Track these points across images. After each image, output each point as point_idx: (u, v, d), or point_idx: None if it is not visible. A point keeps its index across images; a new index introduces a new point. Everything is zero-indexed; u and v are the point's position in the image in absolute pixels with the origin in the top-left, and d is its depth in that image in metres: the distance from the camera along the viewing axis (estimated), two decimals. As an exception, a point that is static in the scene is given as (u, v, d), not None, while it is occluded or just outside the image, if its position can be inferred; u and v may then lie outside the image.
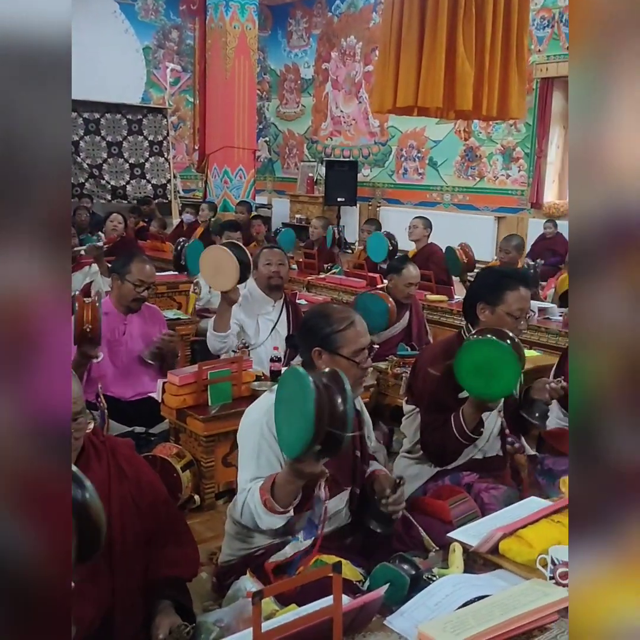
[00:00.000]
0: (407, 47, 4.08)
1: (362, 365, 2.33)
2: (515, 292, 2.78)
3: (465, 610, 1.70)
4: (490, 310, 2.78)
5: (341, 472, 2.36)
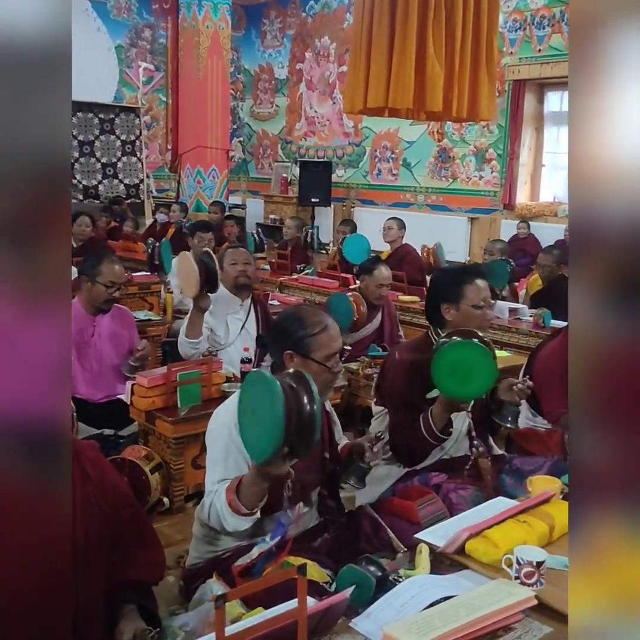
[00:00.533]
0: (377, 49, 4.09)
1: (334, 370, 2.33)
2: (473, 284, 2.83)
3: (430, 611, 1.70)
4: (455, 307, 2.81)
5: (310, 473, 2.35)
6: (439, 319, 2.85)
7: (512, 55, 9.86)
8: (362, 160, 12.09)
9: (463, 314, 2.80)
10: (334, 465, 2.48)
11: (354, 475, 2.37)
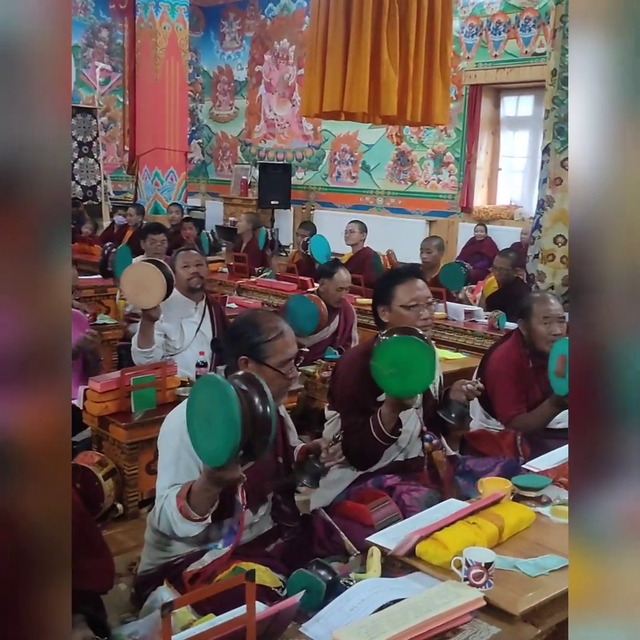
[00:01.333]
0: (332, 53, 4.10)
1: (288, 376, 2.33)
2: (403, 285, 2.84)
3: (379, 614, 1.71)
4: (388, 309, 2.84)
5: (263, 479, 2.35)
6: (379, 322, 2.88)
7: (469, 60, 9.97)
8: (322, 162, 12.11)
9: (395, 315, 2.82)
10: (288, 470, 2.48)
11: (308, 475, 2.37)
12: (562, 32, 5.42)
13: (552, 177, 5.56)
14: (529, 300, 3.43)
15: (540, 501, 2.36)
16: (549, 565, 1.98)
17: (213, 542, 2.20)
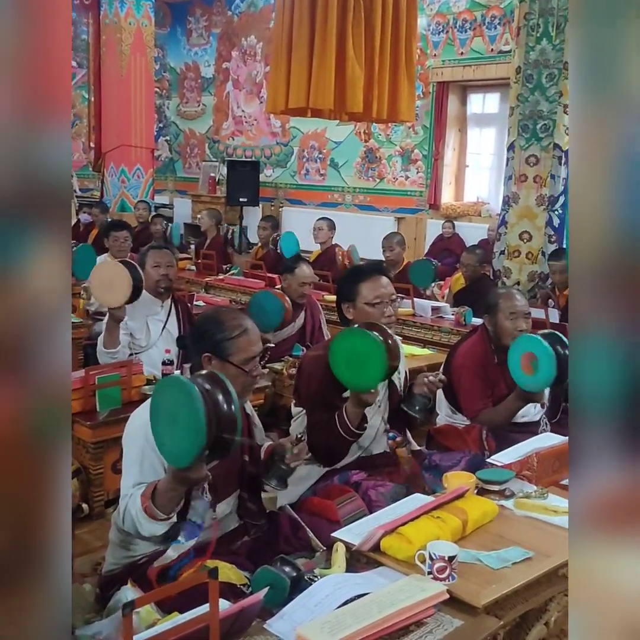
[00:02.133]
0: (298, 49, 4.10)
1: (252, 374, 2.32)
2: (368, 282, 2.85)
3: (343, 610, 1.71)
4: (352, 306, 2.85)
5: (229, 476, 2.34)
6: (344, 319, 2.89)
7: (436, 58, 10.02)
8: (290, 160, 12.09)
9: (360, 312, 2.83)
10: (255, 468, 2.47)
11: (275, 477, 2.36)
12: (526, 29, 5.48)
13: (517, 174, 5.63)
14: (495, 296, 3.46)
15: (503, 494, 2.38)
16: (512, 558, 2.00)
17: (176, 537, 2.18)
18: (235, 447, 2.00)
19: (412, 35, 4.45)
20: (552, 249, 5.41)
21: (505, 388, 3.30)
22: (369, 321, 2.71)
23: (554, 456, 2.53)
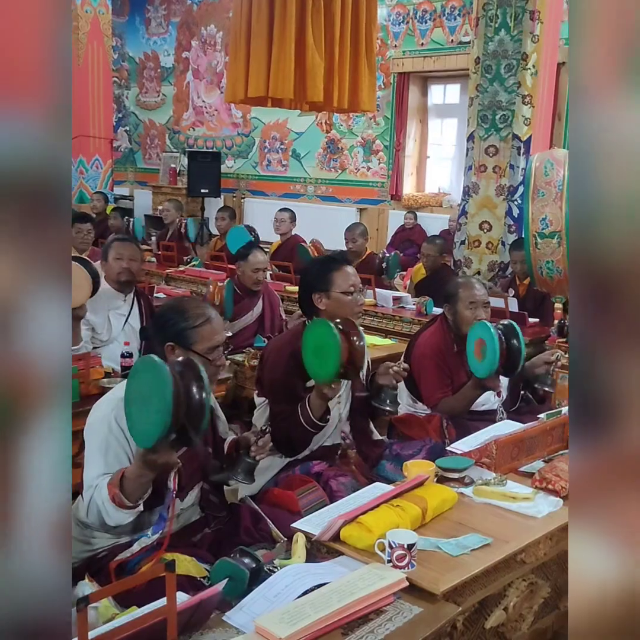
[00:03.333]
0: (256, 38, 4.06)
1: (216, 363, 2.30)
2: (340, 271, 2.86)
3: (303, 600, 1.71)
4: (326, 296, 2.84)
5: (191, 468, 2.32)
6: (313, 309, 2.87)
7: (396, 49, 10.03)
8: (252, 150, 12.03)
9: (334, 301, 2.83)
10: (218, 459, 2.46)
11: (242, 471, 2.35)
12: (484, 20, 5.50)
13: (477, 164, 5.66)
14: (455, 286, 3.48)
15: (463, 482, 2.40)
16: (470, 544, 2.01)
17: (143, 530, 2.16)
18: (202, 433, 1.99)
19: (372, 24, 4.44)
20: (511, 238, 5.46)
21: (465, 376, 3.32)
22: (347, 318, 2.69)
23: (512, 443, 2.56)
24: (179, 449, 2.02)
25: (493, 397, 3.38)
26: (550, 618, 2.42)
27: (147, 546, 2.11)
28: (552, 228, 3.75)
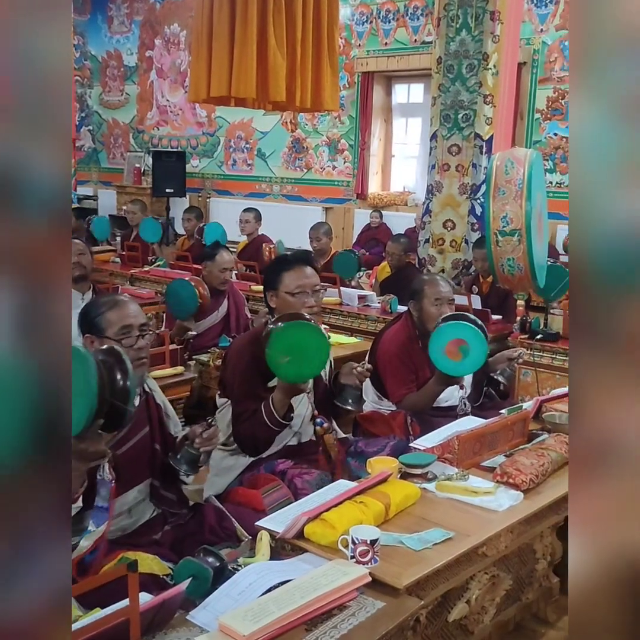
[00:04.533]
0: (218, 38, 4.05)
1: (134, 347, 2.29)
2: (290, 271, 2.86)
3: (266, 597, 1.72)
4: (275, 294, 2.86)
5: (138, 464, 2.32)
6: (269, 307, 2.90)
7: (360, 48, 10.06)
8: (217, 150, 11.97)
9: (282, 300, 2.84)
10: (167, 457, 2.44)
11: (185, 461, 2.34)
12: (446, 20, 5.55)
13: (440, 163, 5.71)
14: (420, 282, 3.52)
15: (426, 477, 2.43)
16: (433, 539, 2.04)
17: (85, 527, 2.14)
18: (129, 418, 1.98)
19: (334, 24, 4.46)
20: (475, 236, 5.51)
21: (429, 373, 3.35)
22: (294, 312, 2.71)
23: (474, 439, 2.59)
24: (110, 438, 2.00)
25: (456, 392, 3.42)
26: (513, 610, 2.47)
27: (98, 540, 2.08)
28: (512, 226, 3.80)
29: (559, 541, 2.62)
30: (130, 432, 2.31)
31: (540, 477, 2.44)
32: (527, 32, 8.41)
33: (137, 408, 2.36)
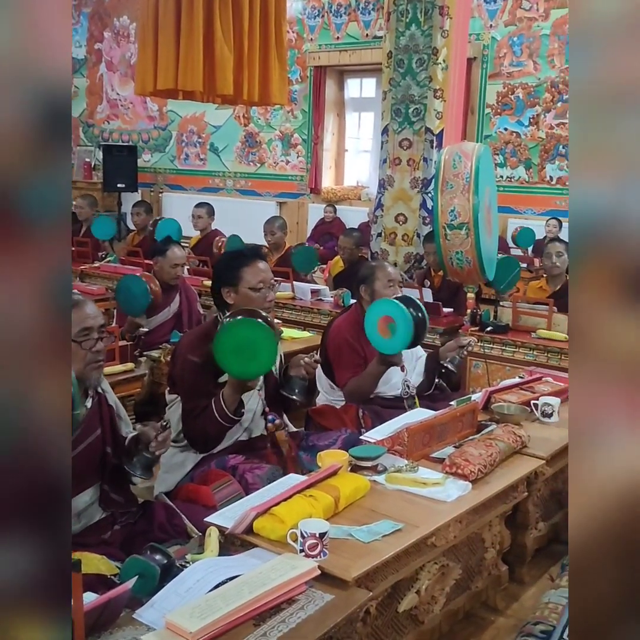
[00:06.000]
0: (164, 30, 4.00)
1: (93, 349, 2.25)
2: (251, 267, 2.85)
3: (214, 593, 1.71)
4: (234, 291, 2.83)
5: (88, 467, 2.28)
6: (223, 303, 2.86)
7: (312, 42, 10.04)
8: (169, 144, 11.85)
9: (242, 297, 2.82)
10: (118, 459, 2.41)
11: (140, 466, 2.31)
12: (395, 15, 5.57)
13: (391, 157, 5.73)
14: (369, 268, 3.56)
15: (376, 470, 2.44)
16: (382, 530, 2.05)
17: None
18: (76, 422, 1.95)
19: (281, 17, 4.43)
20: (426, 230, 5.55)
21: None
22: (250, 307, 2.70)
23: (424, 430, 2.61)
24: None
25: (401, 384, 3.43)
26: (462, 599, 2.50)
27: None
28: (460, 219, 3.84)
29: (507, 530, 2.66)
30: (82, 435, 2.27)
31: (489, 467, 2.47)
32: (476, 27, 8.50)
33: (90, 410, 2.32)
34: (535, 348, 4.25)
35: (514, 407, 3.04)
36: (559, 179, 8.40)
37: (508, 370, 4.26)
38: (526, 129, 8.56)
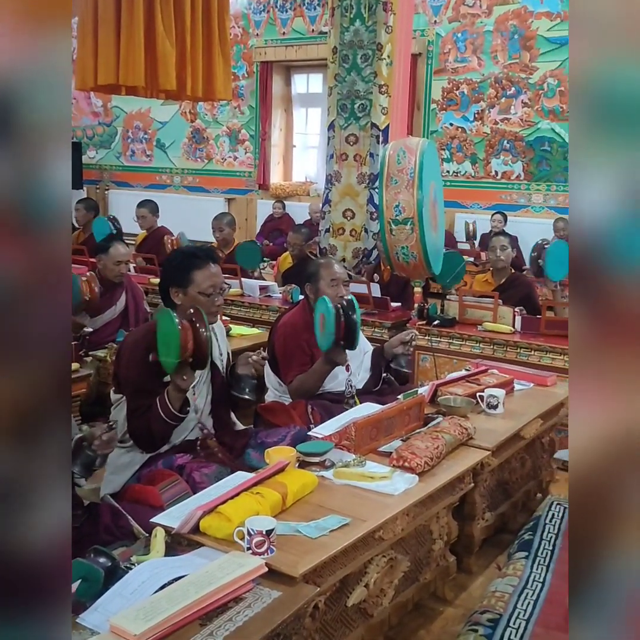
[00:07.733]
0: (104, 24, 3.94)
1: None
2: (203, 270, 2.80)
3: (159, 595, 1.69)
4: (183, 292, 2.79)
5: None
6: (170, 302, 2.82)
7: (258, 37, 10.00)
8: (114, 140, 11.69)
9: (190, 299, 2.77)
10: None
11: (80, 464, 2.27)
12: (340, 10, 5.58)
13: (338, 153, 5.75)
14: (315, 265, 3.56)
15: (324, 465, 2.44)
16: (329, 525, 2.05)
17: None
18: None
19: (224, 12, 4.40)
20: (374, 225, 5.58)
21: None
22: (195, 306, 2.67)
23: (371, 425, 2.62)
24: None
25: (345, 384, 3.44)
26: (411, 590, 2.51)
27: None
28: (405, 214, 3.86)
29: (455, 521, 2.69)
30: None
31: (435, 459, 2.49)
32: (421, 23, 8.57)
33: None
34: (481, 341, 4.31)
35: (460, 400, 3.07)
36: (504, 173, 8.53)
37: (455, 363, 4.32)
38: (471, 124, 8.67)
